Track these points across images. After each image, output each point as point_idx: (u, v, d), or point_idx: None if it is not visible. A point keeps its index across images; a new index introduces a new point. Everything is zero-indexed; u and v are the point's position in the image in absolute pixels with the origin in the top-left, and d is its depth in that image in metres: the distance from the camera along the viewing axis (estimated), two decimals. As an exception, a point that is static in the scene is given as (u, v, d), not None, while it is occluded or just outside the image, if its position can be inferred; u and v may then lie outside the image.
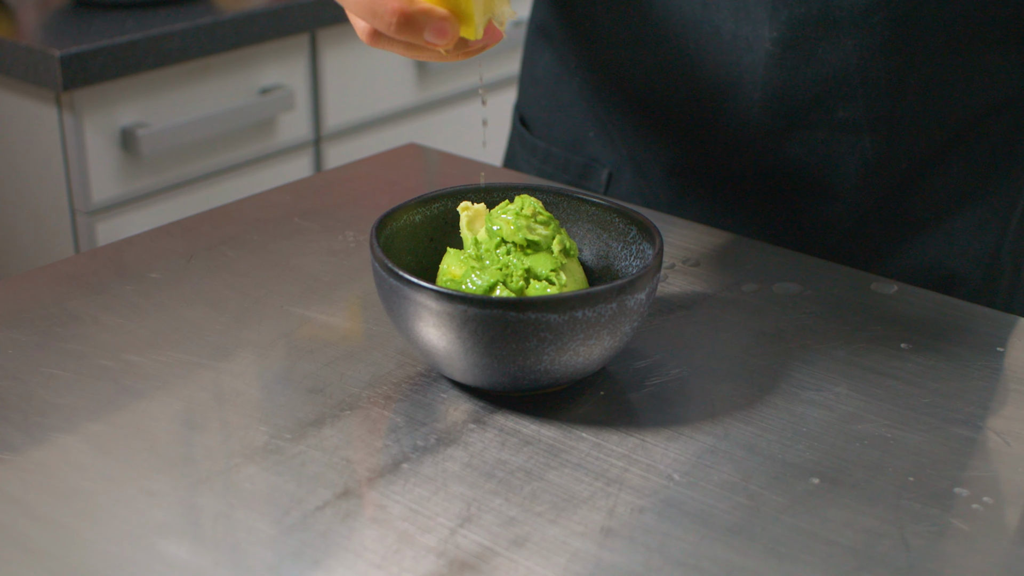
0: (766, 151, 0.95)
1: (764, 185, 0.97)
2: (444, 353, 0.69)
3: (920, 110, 0.92)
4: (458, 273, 0.72)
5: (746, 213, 0.99)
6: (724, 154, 0.97)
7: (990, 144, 0.96)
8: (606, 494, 0.64)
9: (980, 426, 0.70)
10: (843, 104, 0.92)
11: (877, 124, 0.92)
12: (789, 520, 0.62)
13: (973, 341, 0.80)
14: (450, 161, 1.10)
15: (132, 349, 0.76)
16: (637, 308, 0.69)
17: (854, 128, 0.93)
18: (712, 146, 0.98)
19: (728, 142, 0.97)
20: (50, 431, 0.68)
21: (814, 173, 0.95)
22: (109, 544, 0.60)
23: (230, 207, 0.97)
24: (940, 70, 0.91)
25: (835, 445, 0.68)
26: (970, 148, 0.95)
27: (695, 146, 0.99)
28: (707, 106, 0.96)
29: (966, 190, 0.96)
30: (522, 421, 0.70)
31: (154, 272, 0.85)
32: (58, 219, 1.52)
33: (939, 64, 0.91)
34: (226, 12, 1.56)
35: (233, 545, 0.60)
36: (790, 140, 0.94)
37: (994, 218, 0.97)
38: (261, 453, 0.66)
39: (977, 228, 0.97)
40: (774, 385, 0.73)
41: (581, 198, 0.78)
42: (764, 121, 0.94)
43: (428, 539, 0.60)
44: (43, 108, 1.47)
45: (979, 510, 0.64)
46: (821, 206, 0.96)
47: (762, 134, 0.94)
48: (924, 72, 0.91)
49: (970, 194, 0.96)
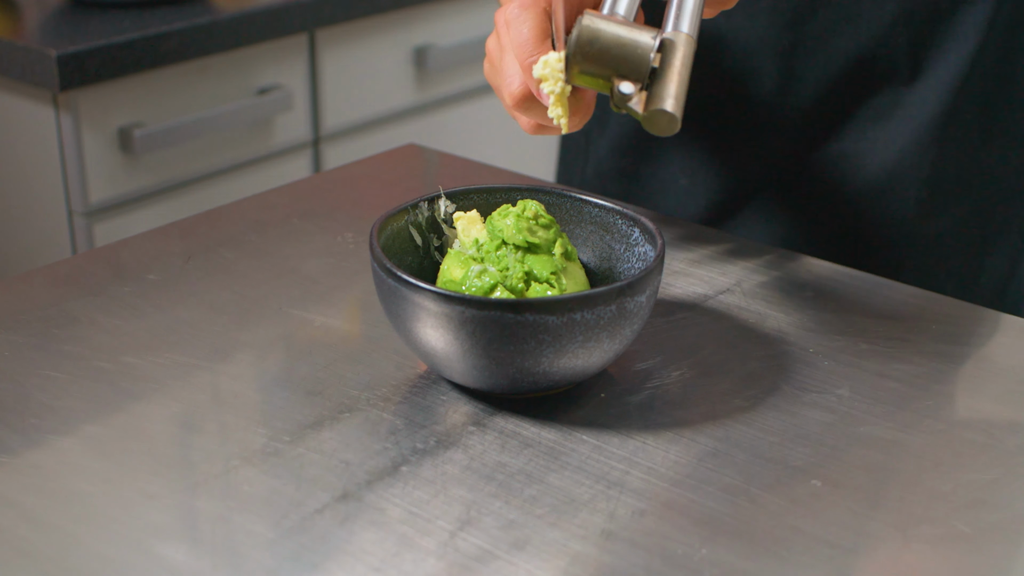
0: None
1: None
2: (443, 355, 0.68)
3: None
4: (458, 275, 0.72)
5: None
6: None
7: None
8: (607, 497, 0.63)
9: (983, 429, 0.70)
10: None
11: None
12: (791, 523, 0.62)
13: (978, 343, 0.79)
14: (450, 162, 1.09)
15: (130, 351, 0.76)
16: (637, 311, 0.69)
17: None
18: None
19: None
20: (47, 433, 0.68)
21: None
22: (106, 547, 0.60)
23: (228, 208, 0.97)
24: None
25: (837, 448, 0.68)
26: None
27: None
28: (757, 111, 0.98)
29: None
30: (522, 423, 0.69)
31: (152, 273, 0.85)
32: (55, 220, 1.52)
33: None
34: (224, 12, 1.56)
35: (231, 548, 0.60)
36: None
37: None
38: (259, 456, 0.66)
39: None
40: (776, 387, 0.73)
41: (583, 199, 0.78)
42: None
43: (427, 542, 0.60)
44: (40, 108, 1.47)
45: (982, 514, 0.63)
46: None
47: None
48: None
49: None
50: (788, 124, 0.97)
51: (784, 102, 0.97)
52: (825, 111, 0.97)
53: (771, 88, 0.97)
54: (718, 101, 0.98)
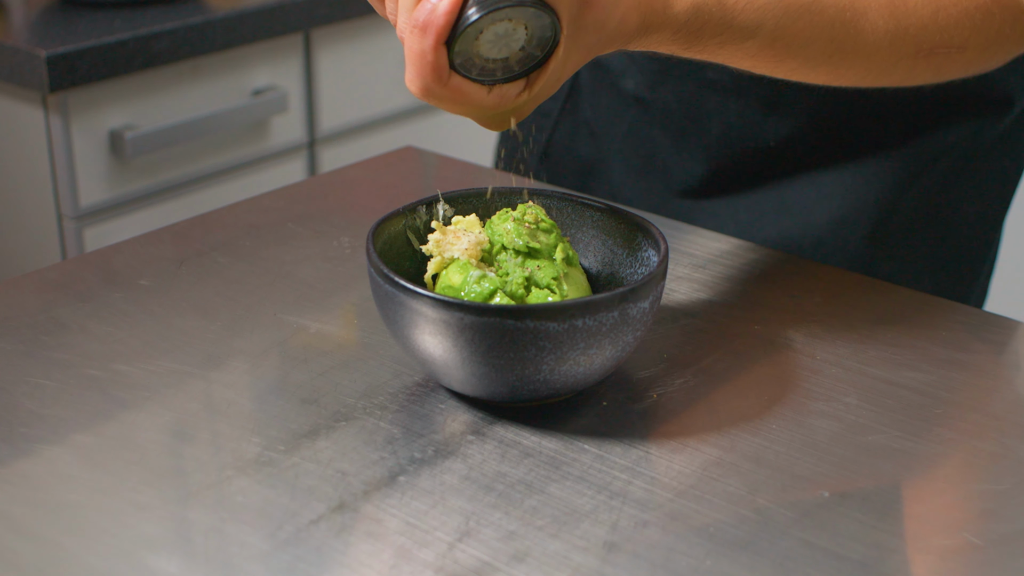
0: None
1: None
2: (441, 362, 0.68)
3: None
4: (457, 280, 0.71)
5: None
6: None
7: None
8: (609, 507, 0.63)
9: (995, 438, 0.70)
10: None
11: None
12: (798, 534, 0.61)
13: (988, 351, 0.79)
14: (448, 164, 1.10)
15: (121, 358, 0.75)
16: (640, 317, 0.68)
17: None
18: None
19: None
20: (36, 443, 0.67)
21: None
22: (97, 559, 0.59)
23: (222, 212, 0.97)
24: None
25: (845, 457, 0.67)
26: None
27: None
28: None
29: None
30: (522, 432, 0.69)
31: (143, 279, 0.85)
32: (44, 224, 1.51)
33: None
34: (217, 11, 1.55)
35: (225, 560, 0.59)
36: None
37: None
38: (253, 465, 0.66)
39: None
40: (782, 395, 0.73)
41: (585, 203, 0.77)
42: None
43: (426, 554, 0.60)
44: (29, 110, 1.46)
45: (993, 525, 0.63)
46: None
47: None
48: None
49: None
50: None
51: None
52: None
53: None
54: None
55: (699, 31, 0.70)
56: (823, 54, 0.75)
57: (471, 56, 0.64)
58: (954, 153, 0.97)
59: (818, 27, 0.74)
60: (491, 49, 0.64)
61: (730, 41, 0.71)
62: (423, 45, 0.62)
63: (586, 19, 0.65)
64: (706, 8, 0.69)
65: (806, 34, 0.73)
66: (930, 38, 0.78)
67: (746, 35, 0.71)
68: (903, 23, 0.76)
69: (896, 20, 0.76)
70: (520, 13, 0.63)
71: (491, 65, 0.65)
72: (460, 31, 0.62)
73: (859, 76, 0.79)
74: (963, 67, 0.82)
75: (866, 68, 0.78)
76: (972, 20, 0.78)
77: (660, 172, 1.03)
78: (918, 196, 0.97)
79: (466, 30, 0.62)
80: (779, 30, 0.72)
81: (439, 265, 0.72)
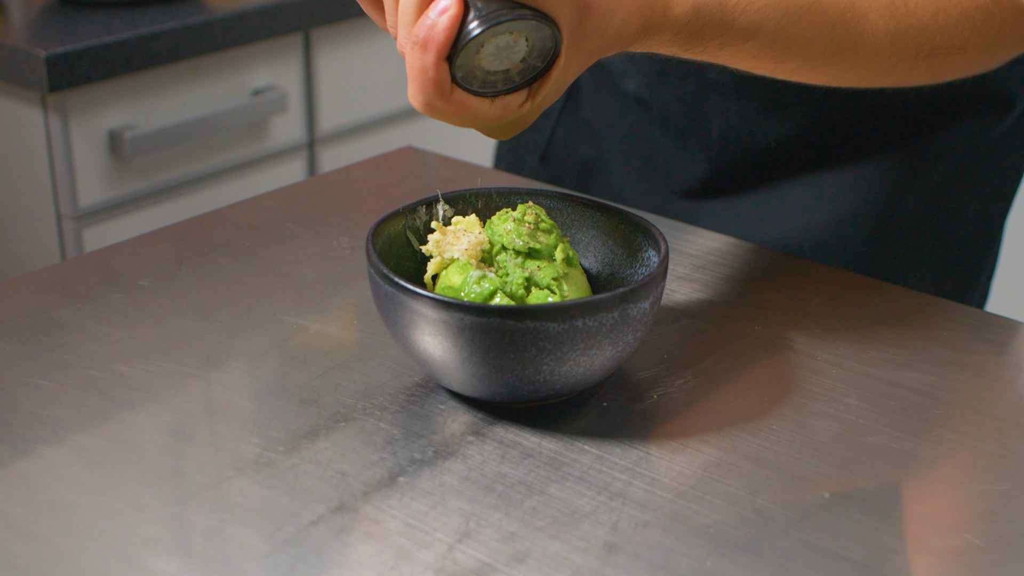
0: None
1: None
2: (441, 363, 0.68)
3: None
4: (457, 281, 0.71)
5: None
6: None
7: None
8: (609, 508, 0.63)
9: (996, 439, 0.70)
10: None
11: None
12: (798, 535, 0.61)
13: (988, 352, 0.79)
14: (448, 165, 1.09)
15: (120, 359, 0.75)
16: (640, 317, 0.68)
17: None
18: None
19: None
20: (35, 443, 0.67)
21: None
22: (96, 560, 0.59)
23: (221, 212, 0.97)
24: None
25: (845, 458, 0.67)
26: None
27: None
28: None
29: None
30: (522, 433, 0.69)
31: (143, 279, 0.85)
32: (44, 225, 1.51)
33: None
34: (217, 11, 1.55)
35: (224, 561, 0.59)
36: None
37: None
38: (253, 466, 0.66)
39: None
40: (782, 396, 0.73)
41: (585, 203, 0.77)
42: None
43: (426, 555, 0.60)
44: (28, 110, 1.46)
45: (994, 526, 0.63)
46: None
47: None
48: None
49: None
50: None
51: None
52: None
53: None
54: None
55: (699, 32, 0.70)
56: (824, 55, 0.75)
57: (472, 69, 0.64)
58: (955, 154, 0.96)
59: (819, 28, 0.74)
60: (492, 62, 0.64)
61: (731, 42, 0.71)
62: (424, 61, 0.62)
63: (587, 26, 0.64)
64: (706, 9, 0.69)
65: (807, 35, 0.73)
66: (930, 39, 0.77)
67: (747, 36, 0.71)
68: (903, 24, 0.76)
69: (896, 21, 0.76)
70: (521, 26, 0.63)
71: (492, 77, 0.65)
72: (461, 46, 0.62)
73: (859, 77, 0.79)
74: (963, 68, 0.81)
75: (866, 69, 0.78)
76: (972, 21, 0.78)
77: (660, 172, 1.03)
78: (919, 197, 0.97)
79: (467, 45, 0.62)
80: (780, 31, 0.72)
81: (439, 265, 0.72)
